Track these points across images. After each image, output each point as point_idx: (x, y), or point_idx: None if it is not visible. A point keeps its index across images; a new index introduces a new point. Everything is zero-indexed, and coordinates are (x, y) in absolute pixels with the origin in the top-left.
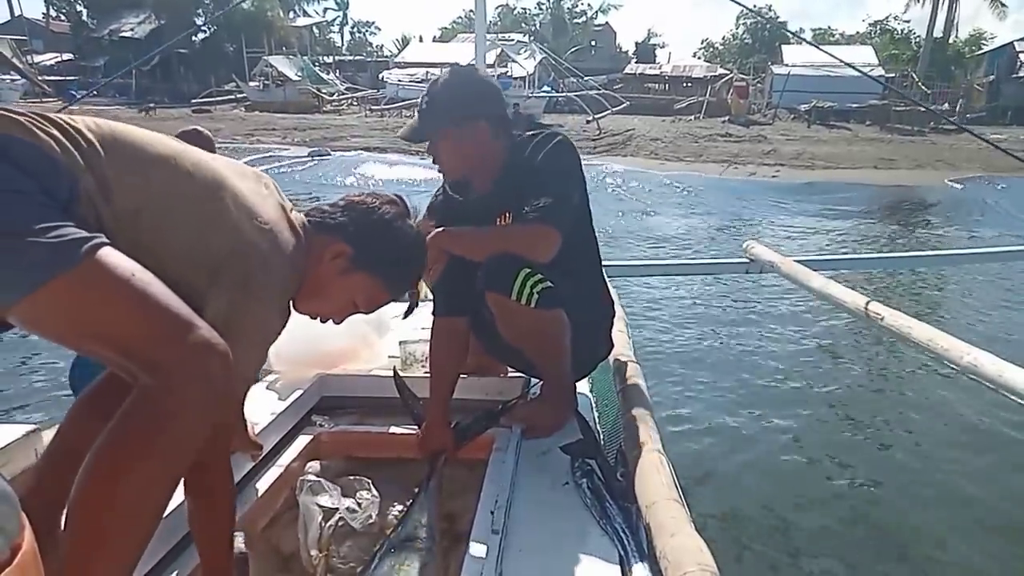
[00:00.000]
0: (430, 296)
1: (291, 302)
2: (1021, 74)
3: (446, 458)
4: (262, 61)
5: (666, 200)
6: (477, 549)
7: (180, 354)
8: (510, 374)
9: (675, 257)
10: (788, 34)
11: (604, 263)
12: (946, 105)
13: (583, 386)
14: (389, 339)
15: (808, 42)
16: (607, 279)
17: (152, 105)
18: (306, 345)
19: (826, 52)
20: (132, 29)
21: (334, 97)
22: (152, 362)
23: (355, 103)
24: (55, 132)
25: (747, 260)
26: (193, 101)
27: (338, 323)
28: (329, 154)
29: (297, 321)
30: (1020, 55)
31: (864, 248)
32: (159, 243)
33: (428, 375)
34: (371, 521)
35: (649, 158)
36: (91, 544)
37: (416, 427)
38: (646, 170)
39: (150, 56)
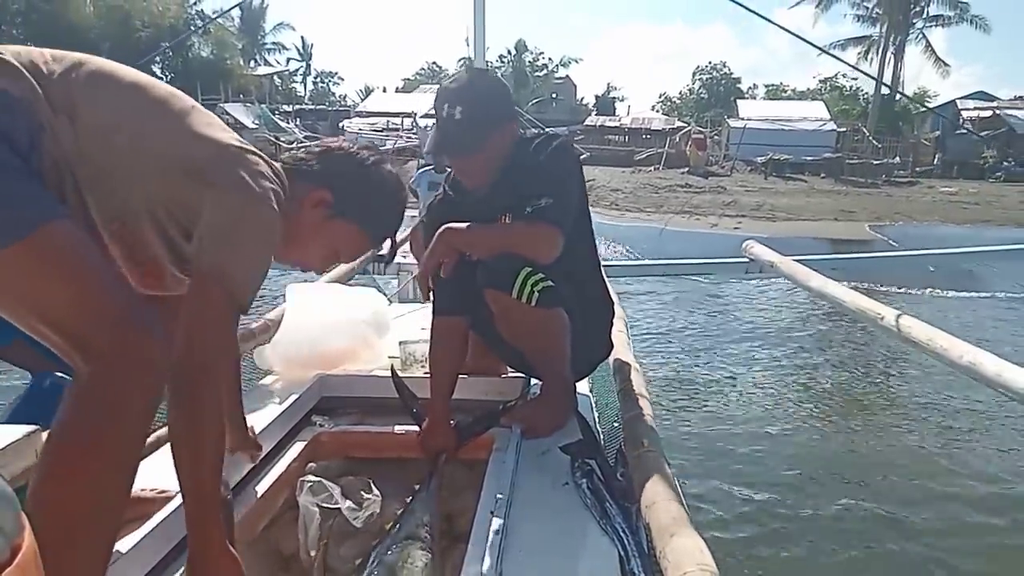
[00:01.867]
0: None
1: None
2: (964, 130)
3: (447, 457)
4: (218, 108)
5: None
6: (477, 549)
7: (119, 339)
8: (510, 374)
9: (675, 257)
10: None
11: (604, 263)
12: (897, 159)
13: (583, 386)
14: (389, 339)
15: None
16: (607, 280)
17: None
18: (306, 346)
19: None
20: None
21: (293, 145)
22: (90, 346)
23: None
24: (7, 58)
25: (747, 260)
26: None
27: (319, 273)
28: None
29: (297, 322)
30: (962, 112)
31: None
32: (135, 158)
33: (428, 375)
34: (371, 521)
35: (610, 208)
36: (59, 545)
37: (416, 427)
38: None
39: None
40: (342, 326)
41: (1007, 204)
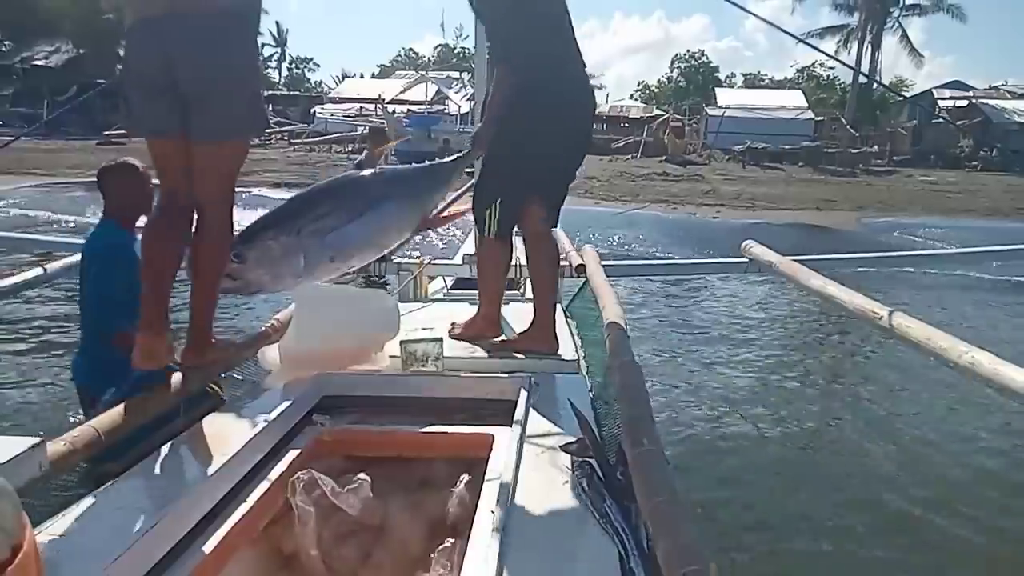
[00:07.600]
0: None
1: None
2: (941, 119)
3: None
4: None
5: None
6: (477, 548)
7: None
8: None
9: (674, 257)
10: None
11: (604, 263)
12: (874, 147)
13: (583, 385)
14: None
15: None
16: (608, 277)
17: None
18: (314, 347)
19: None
20: (46, 57)
21: None
22: None
23: (283, 137)
24: None
25: (746, 260)
26: (105, 133)
27: None
28: None
29: (305, 323)
30: (939, 102)
31: None
32: None
33: (427, 374)
34: (371, 521)
35: (583, 197)
36: None
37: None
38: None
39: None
40: (351, 327)
41: (990, 194)
